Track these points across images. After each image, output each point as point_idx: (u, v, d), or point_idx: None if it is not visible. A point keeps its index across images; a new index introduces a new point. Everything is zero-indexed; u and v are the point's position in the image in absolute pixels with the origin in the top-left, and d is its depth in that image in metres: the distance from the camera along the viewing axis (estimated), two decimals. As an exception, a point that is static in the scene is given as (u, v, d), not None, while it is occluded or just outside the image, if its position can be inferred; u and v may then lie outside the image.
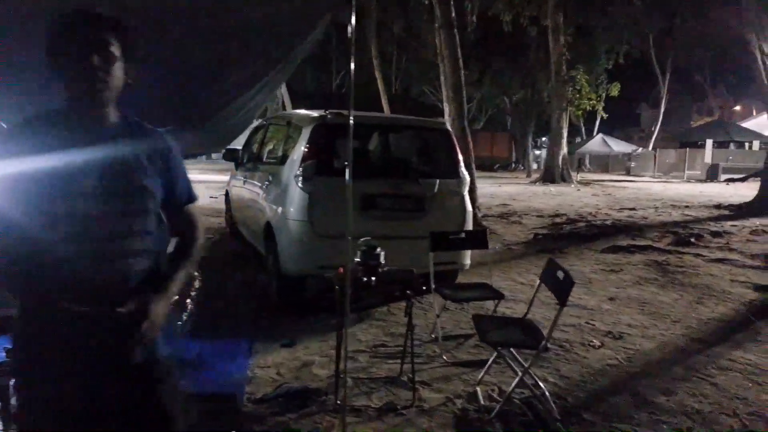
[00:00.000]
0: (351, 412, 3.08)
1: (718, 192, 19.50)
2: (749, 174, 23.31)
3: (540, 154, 38.49)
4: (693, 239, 8.93)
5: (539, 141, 42.18)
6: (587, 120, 32.51)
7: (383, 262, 3.26)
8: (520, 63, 26.55)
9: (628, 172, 33.25)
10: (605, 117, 26.90)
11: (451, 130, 6.03)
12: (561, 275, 3.20)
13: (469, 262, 5.33)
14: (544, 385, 3.41)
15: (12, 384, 1.57)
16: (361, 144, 5.66)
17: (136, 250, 1.52)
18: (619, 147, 33.66)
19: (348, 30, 2.52)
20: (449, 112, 10.22)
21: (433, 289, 4.15)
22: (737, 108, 42.94)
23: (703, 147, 33.67)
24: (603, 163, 37.48)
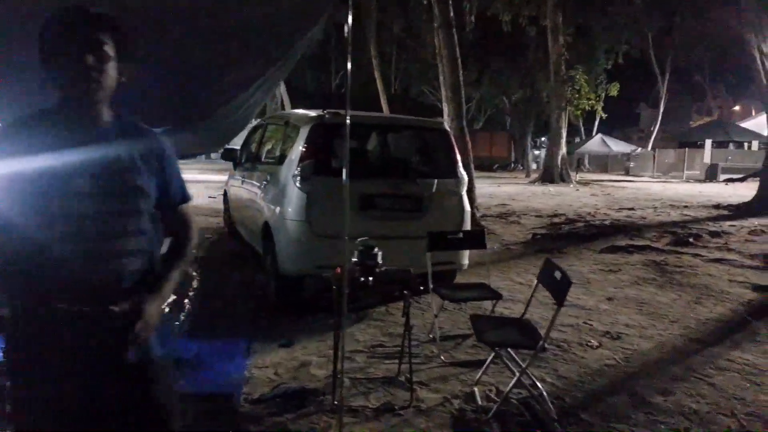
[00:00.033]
0: (348, 412, 3.08)
1: (717, 192, 19.50)
2: (748, 174, 23.29)
3: (539, 154, 38.49)
4: (691, 239, 8.93)
5: (538, 141, 42.17)
6: (586, 120, 32.49)
7: (381, 262, 3.26)
8: (519, 63, 26.55)
9: (627, 172, 33.27)
10: (604, 117, 26.88)
11: (450, 130, 6.03)
12: (558, 275, 3.20)
13: (467, 262, 5.33)
14: (541, 386, 3.41)
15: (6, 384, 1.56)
16: (360, 144, 5.65)
17: (130, 249, 1.52)
18: (618, 147, 33.68)
19: (345, 29, 2.52)
20: (448, 112, 10.22)
21: (431, 289, 4.15)
22: (736, 108, 42.97)
23: (703, 147, 33.69)
24: (602, 163, 37.49)
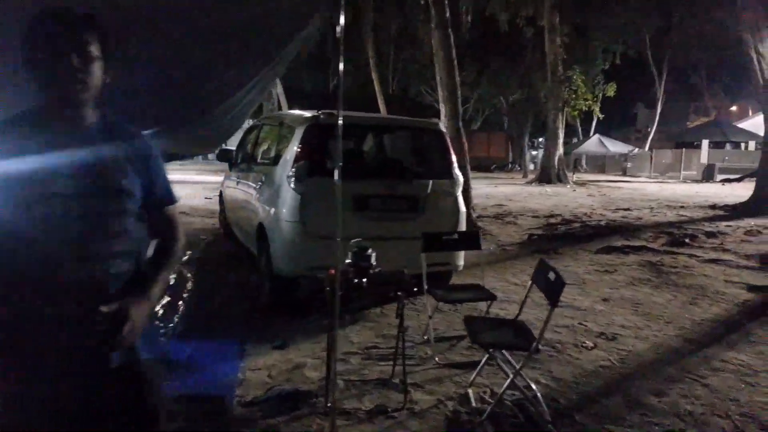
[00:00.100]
0: (341, 414, 3.06)
1: (714, 192, 19.53)
2: (745, 174, 23.35)
3: (537, 154, 38.52)
4: (687, 240, 8.93)
5: (536, 141, 42.19)
6: (584, 120, 32.53)
7: (374, 263, 3.24)
8: (517, 63, 26.54)
9: (624, 172, 33.31)
10: (601, 117, 26.93)
11: (446, 130, 6.02)
12: (552, 276, 3.19)
13: (463, 263, 5.32)
14: (536, 387, 3.40)
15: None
16: (355, 144, 5.64)
17: (115, 251, 1.50)
18: (616, 147, 33.70)
19: (337, 30, 2.51)
20: (445, 112, 10.22)
21: (426, 291, 4.13)
22: (733, 108, 42.96)
23: (700, 147, 33.73)
24: (599, 164, 37.52)
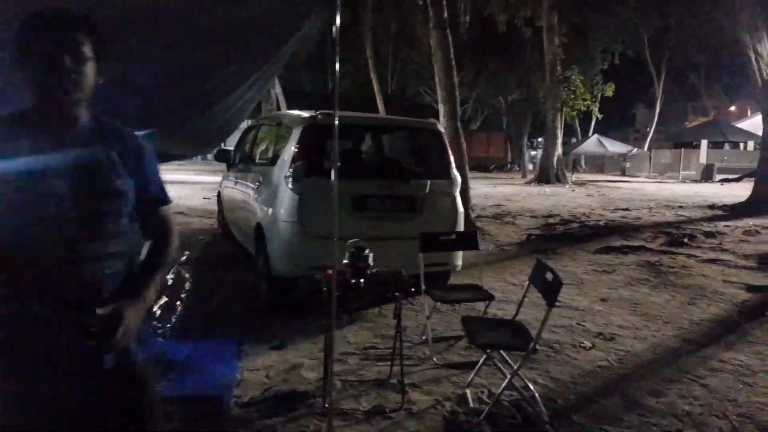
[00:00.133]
0: (338, 415, 3.05)
1: (712, 192, 19.55)
2: (743, 174, 23.39)
3: (536, 154, 38.53)
4: (686, 240, 8.94)
5: (535, 141, 42.20)
6: (583, 120, 32.56)
7: (372, 263, 3.23)
8: (515, 63, 26.54)
9: (623, 172, 33.32)
10: (600, 117, 26.96)
11: (444, 130, 6.01)
12: (550, 276, 3.19)
13: (461, 263, 5.31)
14: (533, 387, 3.39)
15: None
16: (352, 145, 5.64)
17: (109, 252, 1.49)
18: (615, 147, 33.73)
19: (333, 30, 2.51)
20: (443, 112, 10.22)
21: (423, 291, 4.13)
22: (732, 108, 43.01)
23: (698, 147, 33.76)
24: (598, 164, 37.54)
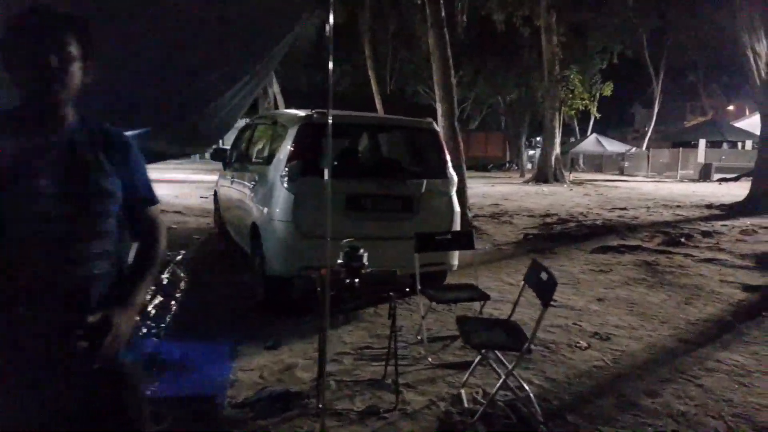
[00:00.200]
0: (332, 415, 3.04)
1: (710, 192, 19.56)
2: (741, 173, 23.41)
3: (534, 154, 38.54)
4: (683, 239, 8.93)
5: (533, 141, 42.21)
6: (581, 120, 32.56)
7: (366, 263, 3.22)
8: (514, 63, 26.53)
9: (621, 171, 33.35)
10: (598, 117, 26.97)
11: (442, 129, 6.00)
12: (545, 276, 3.18)
13: (457, 262, 5.30)
14: (528, 387, 3.38)
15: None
16: (348, 144, 5.62)
17: (96, 252, 1.48)
18: (613, 147, 33.76)
19: (326, 28, 2.50)
20: (441, 111, 10.20)
21: (419, 290, 4.12)
22: (731, 108, 43.04)
23: (697, 147, 33.77)
24: (597, 163, 37.58)
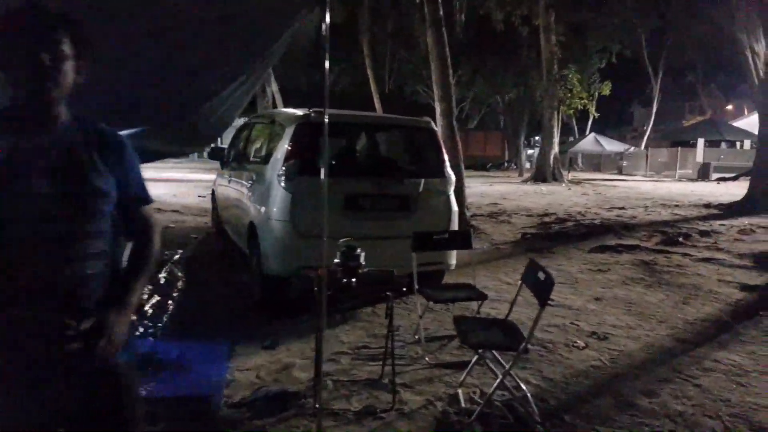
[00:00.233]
0: (329, 415, 3.04)
1: (709, 191, 19.56)
2: (740, 173, 23.43)
3: (533, 153, 38.53)
4: (681, 239, 8.94)
5: (532, 140, 42.21)
6: (580, 119, 32.56)
7: (363, 263, 3.21)
8: (512, 62, 26.52)
9: (620, 171, 33.36)
10: (597, 116, 26.98)
11: (440, 129, 5.99)
12: (542, 276, 3.17)
13: (455, 262, 5.29)
14: (526, 387, 3.38)
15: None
16: (346, 143, 5.60)
17: (90, 252, 1.47)
18: (612, 146, 33.74)
19: (323, 27, 2.49)
20: (440, 111, 10.20)
21: (416, 290, 4.11)
22: (729, 107, 43.08)
23: (695, 146, 33.78)
24: (595, 162, 37.57)
